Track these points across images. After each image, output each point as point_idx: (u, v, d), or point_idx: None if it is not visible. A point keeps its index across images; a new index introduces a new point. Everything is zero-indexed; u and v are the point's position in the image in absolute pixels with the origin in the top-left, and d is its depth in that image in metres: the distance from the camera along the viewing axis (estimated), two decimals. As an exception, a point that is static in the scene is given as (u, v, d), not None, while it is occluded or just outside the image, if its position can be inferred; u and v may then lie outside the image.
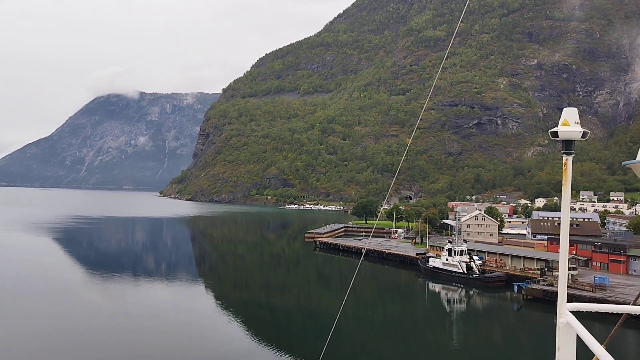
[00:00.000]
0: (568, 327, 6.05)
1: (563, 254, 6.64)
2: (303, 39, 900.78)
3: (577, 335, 5.87)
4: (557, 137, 6.78)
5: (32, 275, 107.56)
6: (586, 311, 6.27)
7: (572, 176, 6.76)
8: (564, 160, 6.82)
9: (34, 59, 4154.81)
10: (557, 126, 6.69)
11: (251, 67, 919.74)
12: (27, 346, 61.32)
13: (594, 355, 5.34)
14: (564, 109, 7.07)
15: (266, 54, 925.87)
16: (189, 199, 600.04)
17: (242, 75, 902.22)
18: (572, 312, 6.16)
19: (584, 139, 6.86)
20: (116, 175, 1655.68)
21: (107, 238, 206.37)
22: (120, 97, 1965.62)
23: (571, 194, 6.72)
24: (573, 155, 6.85)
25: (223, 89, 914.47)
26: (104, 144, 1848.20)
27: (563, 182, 6.75)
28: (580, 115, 6.91)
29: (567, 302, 6.25)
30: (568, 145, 6.81)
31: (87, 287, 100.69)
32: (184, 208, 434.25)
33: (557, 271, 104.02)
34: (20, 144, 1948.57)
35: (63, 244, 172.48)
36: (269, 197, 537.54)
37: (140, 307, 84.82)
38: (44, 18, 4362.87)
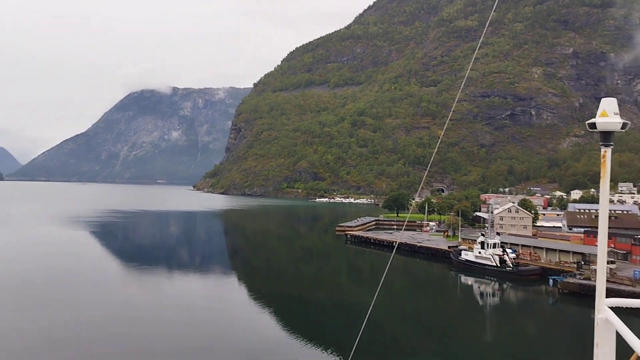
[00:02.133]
0: (607, 324, 5.83)
1: (602, 248, 6.37)
2: (333, 31, 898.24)
3: (617, 331, 5.69)
4: (595, 128, 6.46)
5: (72, 268, 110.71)
6: (626, 307, 6.00)
7: (610, 167, 6.49)
8: (602, 152, 6.52)
9: (68, 58, 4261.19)
10: (594, 116, 6.43)
11: (282, 61, 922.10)
12: (66, 335, 63.30)
13: (634, 352, 5.14)
14: (602, 99, 6.70)
15: (296, 48, 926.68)
16: (222, 193, 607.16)
17: (273, 69, 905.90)
18: (611, 307, 5.93)
19: (623, 130, 6.53)
20: (150, 169, 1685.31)
21: (142, 231, 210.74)
22: (153, 92, 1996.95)
23: (609, 185, 6.49)
24: (612, 147, 6.53)
25: (254, 84, 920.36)
26: (137, 139, 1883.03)
27: (601, 175, 6.48)
28: (619, 105, 6.56)
29: (606, 297, 6.05)
30: (607, 136, 6.48)
31: (123, 279, 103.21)
32: (216, 202, 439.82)
33: (595, 265, 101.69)
34: (58, 140, 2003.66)
35: (100, 237, 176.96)
36: (299, 191, 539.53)
37: (175, 297, 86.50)
38: (76, 19, 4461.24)
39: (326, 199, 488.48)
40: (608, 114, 6.48)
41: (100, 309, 76.84)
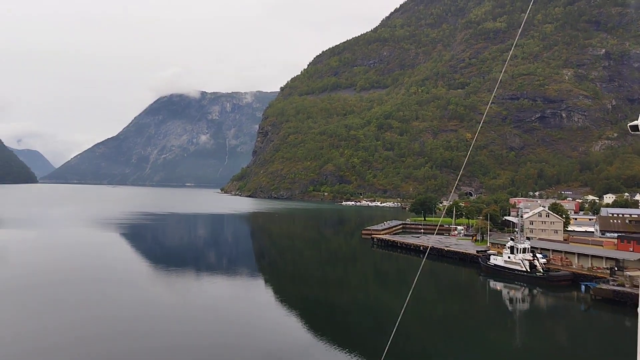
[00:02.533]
0: None
1: None
2: (359, 35, 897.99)
3: None
4: (637, 130, 6.24)
5: (103, 268, 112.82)
6: None
7: None
8: None
9: (100, 61, 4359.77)
10: (627, 118, 5.99)
11: (308, 65, 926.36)
12: (96, 331, 64.49)
13: None
14: None
15: (323, 51, 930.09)
16: (249, 196, 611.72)
17: (299, 73, 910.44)
18: None
19: None
20: (179, 172, 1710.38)
21: (171, 233, 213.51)
22: (182, 96, 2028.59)
23: None
24: None
25: (281, 88, 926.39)
26: (167, 143, 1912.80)
27: None
28: None
29: None
30: None
31: (152, 279, 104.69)
32: (243, 204, 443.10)
33: (629, 271, 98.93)
34: (90, 143, 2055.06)
35: (131, 238, 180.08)
36: (325, 194, 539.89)
37: (202, 298, 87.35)
38: (106, 21, 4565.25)
39: (352, 202, 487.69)
40: None
41: (129, 307, 78.21)
